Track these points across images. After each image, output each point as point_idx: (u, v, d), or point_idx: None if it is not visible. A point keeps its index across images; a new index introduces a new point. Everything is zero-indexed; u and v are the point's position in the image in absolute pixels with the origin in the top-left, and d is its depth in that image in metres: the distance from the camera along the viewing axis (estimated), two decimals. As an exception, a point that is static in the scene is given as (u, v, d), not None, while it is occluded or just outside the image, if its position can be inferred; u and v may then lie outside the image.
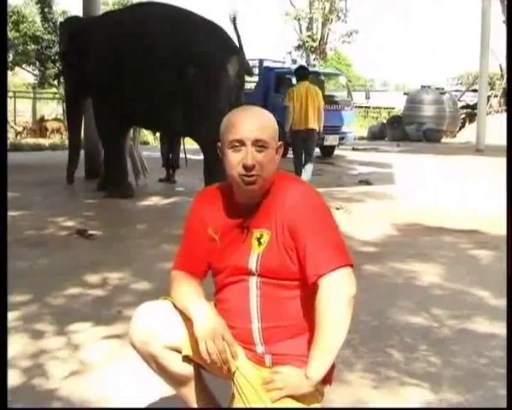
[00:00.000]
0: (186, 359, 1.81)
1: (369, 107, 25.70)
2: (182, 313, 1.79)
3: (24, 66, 21.04)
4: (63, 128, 16.49)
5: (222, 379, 1.83)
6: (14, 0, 19.58)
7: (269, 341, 1.76)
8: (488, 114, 18.58)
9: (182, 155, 8.92)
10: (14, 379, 2.55)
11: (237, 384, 1.74)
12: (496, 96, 23.54)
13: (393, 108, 25.90)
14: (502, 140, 7.02)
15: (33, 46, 19.22)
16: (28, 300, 3.59)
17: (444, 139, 20.07)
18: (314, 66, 17.62)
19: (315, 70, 14.11)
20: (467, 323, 3.37)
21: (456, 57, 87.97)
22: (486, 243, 5.28)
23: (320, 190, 1.89)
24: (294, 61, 15.82)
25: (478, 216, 6.49)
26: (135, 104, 7.23)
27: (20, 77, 25.97)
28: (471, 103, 22.50)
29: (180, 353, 1.79)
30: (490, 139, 15.52)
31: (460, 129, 21.95)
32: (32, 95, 21.49)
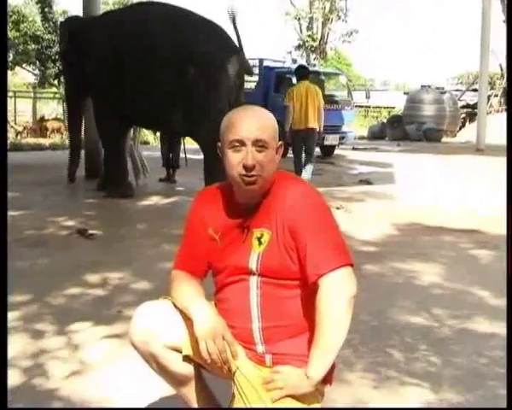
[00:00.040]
0: (186, 358, 1.81)
1: (370, 106, 25.70)
2: (182, 313, 1.79)
3: (24, 65, 21.04)
4: (63, 128, 16.50)
5: (222, 379, 1.83)
6: (14, 0, 19.61)
7: (269, 340, 1.76)
8: (488, 114, 18.57)
9: (182, 155, 8.92)
10: (14, 379, 2.55)
11: (237, 384, 1.74)
12: (496, 95, 23.53)
13: (393, 108, 25.90)
14: (502, 140, 7.02)
15: (33, 46, 19.20)
16: (28, 300, 3.59)
17: (444, 139, 20.05)
18: (314, 65, 17.65)
19: (315, 70, 14.13)
20: (467, 323, 3.37)
21: (456, 57, 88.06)
22: (486, 243, 5.28)
23: (320, 190, 1.89)
24: (295, 61, 15.81)
25: (478, 216, 6.49)
26: (135, 104, 7.23)
27: (21, 76, 25.99)
28: (471, 103, 22.50)
29: (180, 352, 1.79)
30: (490, 139, 15.51)
31: (460, 128, 21.96)
32: (33, 94, 21.51)
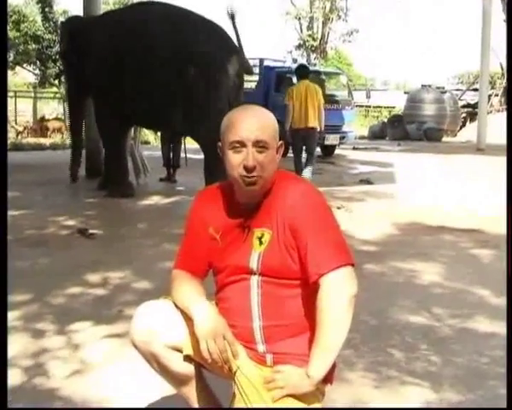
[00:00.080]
0: (187, 358, 1.80)
1: (370, 106, 25.69)
2: (183, 313, 1.79)
3: (25, 65, 21.06)
4: (64, 128, 16.50)
5: (223, 379, 1.83)
6: (14, 0, 19.61)
7: (270, 339, 1.75)
8: (489, 113, 18.56)
9: (182, 155, 8.92)
10: (14, 379, 2.55)
11: (238, 384, 1.74)
12: (497, 95, 23.52)
13: (394, 108, 25.89)
14: (502, 139, 7.01)
15: (34, 46, 19.22)
16: (29, 299, 3.59)
17: (444, 138, 20.05)
18: (315, 65, 17.66)
19: (316, 69, 14.13)
20: (467, 322, 3.37)
21: (456, 56, 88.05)
22: (487, 243, 5.28)
23: (321, 190, 1.88)
24: (295, 61, 15.81)
25: (478, 215, 6.48)
26: (135, 104, 7.23)
27: (21, 76, 26.00)
28: (472, 102, 22.50)
29: (181, 352, 1.79)
30: (491, 138, 15.50)
31: (461, 128, 21.95)
32: (33, 94, 21.51)
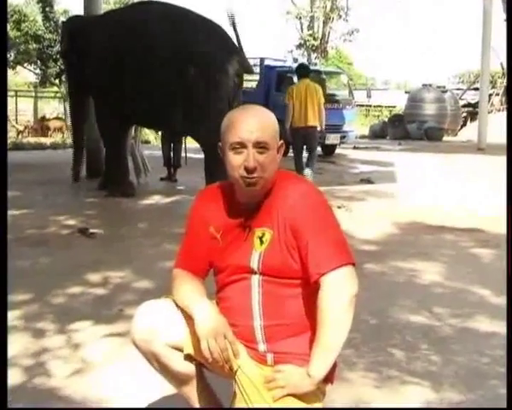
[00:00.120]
0: (188, 357, 1.80)
1: (371, 105, 25.70)
2: (183, 312, 1.79)
3: (25, 65, 21.02)
4: (65, 127, 16.50)
5: (224, 378, 1.83)
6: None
7: (271, 339, 1.75)
8: (489, 113, 18.55)
9: (183, 154, 8.92)
10: (14, 378, 2.55)
11: (239, 383, 1.74)
12: (497, 94, 23.50)
13: (395, 107, 25.88)
14: (503, 138, 6.99)
15: (35, 45, 19.19)
16: (29, 299, 3.59)
17: (445, 138, 20.03)
18: (315, 64, 17.64)
19: (316, 69, 14.12)
20: (468, 321, 3.37)
21: (457, 56, 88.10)
22: (487, 242, 5.28)
23: (321, 189, 1.88)
24: (296, 60, 15.79)
25: (479, 215, 6.48)
26: (135, 104, 7.23)
27: (22, 76, 25.98)
28: (472, 102, 22.47)
29: (182, 351, 1.79)
30: (491, 138, 15.49)
31: (461, 127, 21.94)
32: (34, 94, 21.53)
